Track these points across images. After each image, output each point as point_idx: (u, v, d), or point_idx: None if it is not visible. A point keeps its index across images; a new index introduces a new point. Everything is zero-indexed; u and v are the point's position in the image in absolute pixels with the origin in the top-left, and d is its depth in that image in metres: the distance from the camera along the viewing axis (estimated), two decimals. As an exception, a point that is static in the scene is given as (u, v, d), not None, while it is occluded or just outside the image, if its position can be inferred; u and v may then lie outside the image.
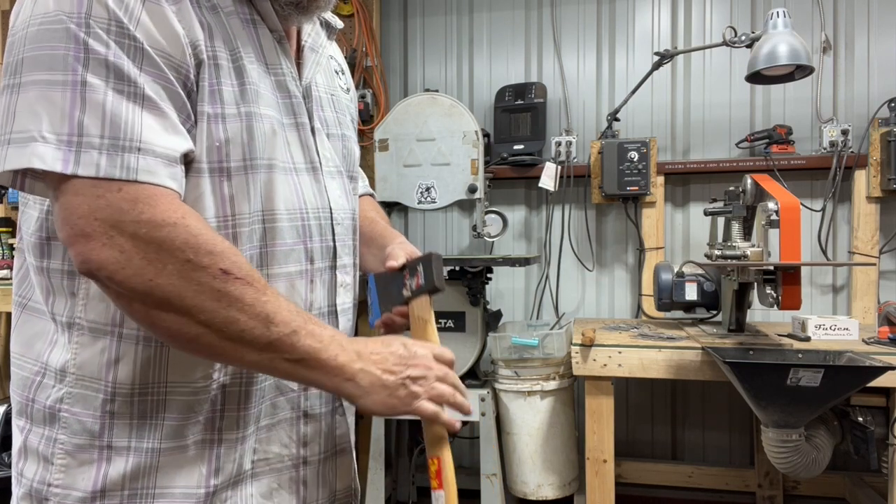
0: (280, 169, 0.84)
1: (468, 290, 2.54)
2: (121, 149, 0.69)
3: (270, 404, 0.88)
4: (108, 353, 0.78)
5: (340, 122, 1.00)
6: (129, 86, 0.70)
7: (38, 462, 0.80)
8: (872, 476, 2.59)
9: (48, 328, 0.82)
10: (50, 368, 0.80)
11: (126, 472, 0.78)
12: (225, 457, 0.83)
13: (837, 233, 2.79)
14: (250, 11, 0.86)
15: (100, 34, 0.70)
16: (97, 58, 0.69)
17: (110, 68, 0.70)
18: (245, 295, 0.72)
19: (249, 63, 0.83)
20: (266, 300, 0.73)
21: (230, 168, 0.79)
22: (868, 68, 2.76)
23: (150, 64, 0.72)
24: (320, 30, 0.99)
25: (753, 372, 1.82)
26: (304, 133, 0.90)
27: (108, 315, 0.78)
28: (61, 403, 0.79)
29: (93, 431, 0.78)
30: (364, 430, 2.89)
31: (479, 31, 3.17)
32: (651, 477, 2.89)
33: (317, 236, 0.90)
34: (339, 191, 0.95)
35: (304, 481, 0.91)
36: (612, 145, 2.78)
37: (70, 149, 0.68)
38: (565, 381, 2.46)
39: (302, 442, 0.91)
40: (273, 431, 0.88)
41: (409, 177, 2.59)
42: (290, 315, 0.75)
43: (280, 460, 0.89)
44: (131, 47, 0.71)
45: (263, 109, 0.83)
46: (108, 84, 0.69)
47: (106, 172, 0.68)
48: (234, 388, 0.83)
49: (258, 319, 0.73)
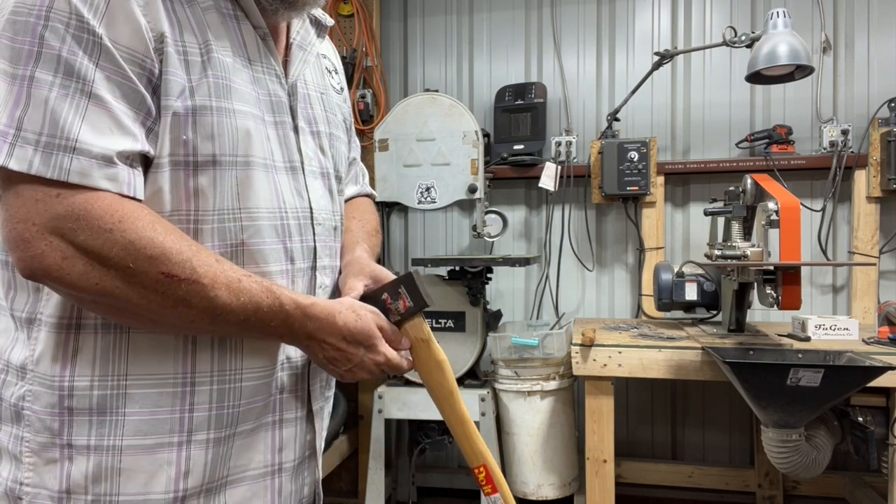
0: (258, 166, 0.83)
1: (468, 290, 2.54)
2: (56, 147, 0.68)
3: (248, 408, 0.85)
4: (66, 346, 0.77)
5: (329, 121, 0.99)
6: (77, 82, 0.70)
7: (11, 461, 0.79)
8: (872, 476, 2.59)
9: (10, 325, 0.81)
10: (12, 366, 0.80)
11: (88, 472, 0.77)
12: (195, 460, 0.80)
13: (837, 233, 2.79)
14: (233, 7, 0.85)
15: (58, 28, 0.69)
16: (50, 52, 0.69)
17: (61, 64, 0.69)
18: (191, 295, 0.73)
19: (224, 58, 0.81)
20: (215, 296, 0.74)
21: (197, 163, 0.78)
22: (868, 68, 2.76)
23: (108, 60, 0.71)
24: (310, 27, 0.98)
25: (753, 372, 1.82)
26: (284, 131, 0.88)
27: (66, 307, 0.78)
28: (23, 401, 0.78)
29: (52, 429, 0.77)
30: (364, 430, 2.90)
31: (479, 31, 3.17)
32: (651, 477, 2.89)
33: (296, 236, 0.88)
34: (321, 191, 0.94)
35: (279, 490, 0.90)
36: (612, 145, 2.78)
37: (4, 140, 0.67)
38: (565, 381, 2.46)
39: (278, 448, 0.89)
40: (251, 437, 0.86)
41: (409, 177, 2.59)
42: (242, 307, 0.76)
43: (256, 467, 0.87)
44: (89, 42, 0.70)
45: (238, 105, 0.81)
46: (55, 80, 0.69)
47: (38, 171, 0.68)
48: (205, 386, 0.81)
49: (206, 316, 0.75)
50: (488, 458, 0.89)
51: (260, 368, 0.86)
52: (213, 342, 0.82)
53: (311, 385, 0.94)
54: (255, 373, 0.85)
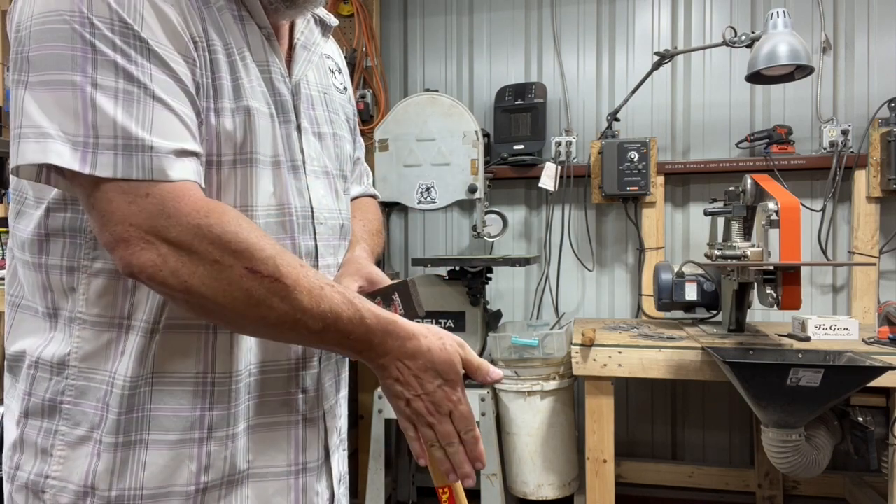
0: (262, 164, 0.84)
1: (468, 290, 2.54)
2: (134, 149, 0.70)
3: (264, 400, 0.86)
4: (109, 344, 0.79)
5: (332, 121, 0.99)
6: (138, 87, 0.71)
7: (36, 455, 0.80)
8: (872, 476, 2.59)
9: (41, 325, 0.82)
10: (44, 362, 0.81)
11: (113, 467, 0.78)
12: (215, 455, 0.82)
13: (837, 233, 2.79)
14: (238, 7, 0.86)
15: (105, 34, 0.70)
16: (105, 59, 0.70)
17: (119, 69, 0.70)
18: (273, 294, 0.73)
19: (242, 58, 0.83)
20: (296, 298, 0.74)
21: (221, 162, 0.80)
22: (868, 68, 2.76)
23: (158, 63, 0.73)
24: (314, 27, 0.99)
25: (753, 372, 1.83)
26: (287, 130, 0.89)
27: (107, 307, 0.79)
28: (63, 395, 0.80)
29: (93, 423, 0.79)
30: (364, 430, 2.90)
31: (479, 31, 3.17)
32: (651, 477, 2.89)
33: (298, 234, 0.89)
34: (323, 190, 0.94)
35: (304, 489, 0.90)
36: (612, 145, 2.78)
37: (87, 150, 0.69)
38: (565, 381, 2.46)
39: (302, 448, 0.90)
40: (273, 432, 0.87)
41: (409, 177, 2.59)
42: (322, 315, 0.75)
43: (280, 465, 0.88)
44: (137, 45, 0.72)
45: (254, 104, 0.83)
46: (117, 85, 0.70)
47: (124, 173, 0.69)
48: (224, 386, 0.82)
49: (287, 319, 0.74)
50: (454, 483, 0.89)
51: (275, 363, 0.87)
52: (231, 343, 0.83)
53: (321, 385, 0.94)
54: (272, 367, 0.87)
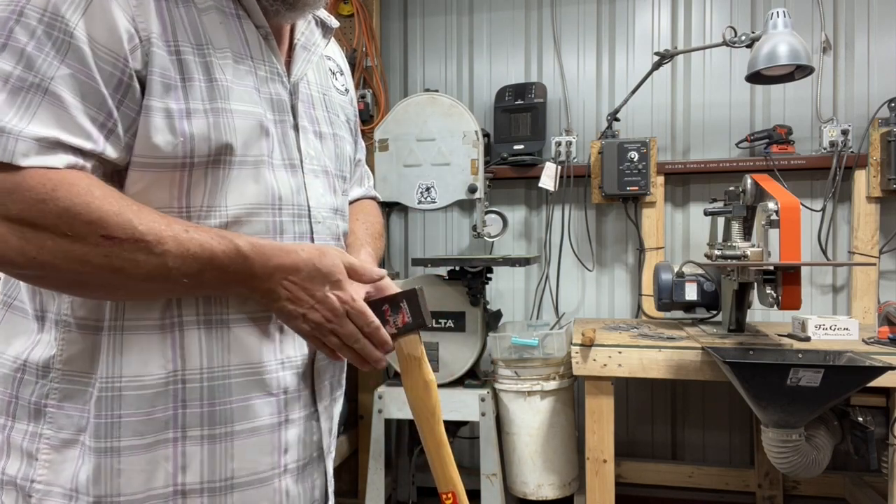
0: (240, 164, 0.83)
1: (468, 290, 2.54)
2: (3, 132, 0.69)
3: (241, 405, 0.84)
4: (93, 347, 0.79)
5: (332, 121, 0.99)
6: (34, 76, 0.70)
7: (22, 458, 0.80)
8: (872, 476, 2.59)
9: (30, 327, 0.82)
10: (31, 365, 0.80)
11: (92, 472, 0.78)
12: (190, 455, 0.81)
13: (837, 233, 2.80)
14: (235, 6, 0.85)
15: (30, 23, 0.71)
16: (15, 45, 0.70)
17: (24, 56, 0.70)
18: (137, 255, 0.71)
19: (223, 58, 0.82)
20: (162, 251, 0.72)
21: (193, 163, 0.78)
22: (868, 68, 2.76)
23: (75, 58, 0.72)
24: (315, 28, 0.99)
25: (753, 372, 1.82)
26: (284, 129, 0.89)
27: (93, 309, 0.79)
28: (47, 399, 0.79)
29: (79, 426, 0.78)
30: (364, 430, 2.90)
31: (479, 31, 3.17)
32: (651, 477, 2.89)
33: (290, 234, 0.88)
34: (321, 189, 0.94)
35: (286, 492, 0.89)
36: (612, 145, 2.78)
37: None
38: (565, 381, 2.46)
39: (283, 449, 0.88)
40: (253, 438, 0.85)
41: (409, 177, 2.59)
42: (195, 258, 0.74)
43: (263, 470, 0.86)
44: (58, 39, 0.71)
45: (236, 105, 0.82)
46: (13, 71, 0.70)
47: None
48: (195, 384, 0.81)
49: (158, 275, 0.73)
50: (458, 485, 0.89)
51: (249, 365, 0.85)
52: (201, 340, 0.81)
53: (316, 384, 0.94)
54: (245, 369, 0.85)
